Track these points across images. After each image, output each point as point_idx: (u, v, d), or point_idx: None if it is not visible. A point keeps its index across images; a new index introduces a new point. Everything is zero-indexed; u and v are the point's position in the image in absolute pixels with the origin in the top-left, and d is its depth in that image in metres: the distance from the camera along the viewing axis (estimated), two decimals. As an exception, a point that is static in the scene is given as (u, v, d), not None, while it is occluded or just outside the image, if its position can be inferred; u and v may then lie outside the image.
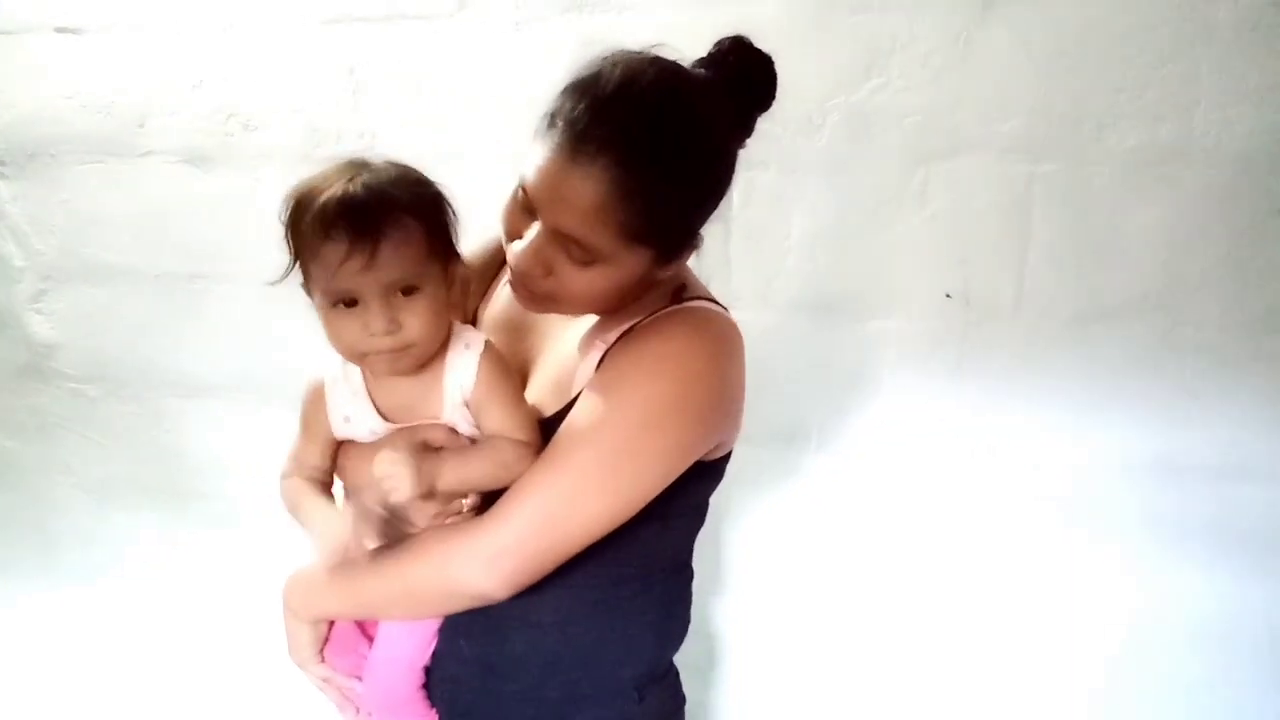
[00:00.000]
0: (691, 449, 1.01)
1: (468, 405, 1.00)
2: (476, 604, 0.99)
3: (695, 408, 0.98)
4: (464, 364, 1.00)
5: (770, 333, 1.69)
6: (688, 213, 0.97)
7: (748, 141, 1.06)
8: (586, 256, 0.93)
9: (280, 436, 1.16)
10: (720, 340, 1.01)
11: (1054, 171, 1.53)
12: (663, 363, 0.97)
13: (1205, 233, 1.50)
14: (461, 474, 0.98)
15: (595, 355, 1.01)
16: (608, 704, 1.10)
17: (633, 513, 0.98)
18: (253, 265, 1.99)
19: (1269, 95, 1.43)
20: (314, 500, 1.04)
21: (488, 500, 1.00)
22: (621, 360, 0.98)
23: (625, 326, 1.00)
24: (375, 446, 1.01)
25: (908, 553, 1.75)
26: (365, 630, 1.13)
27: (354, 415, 1.03)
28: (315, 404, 1.05)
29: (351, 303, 0.93)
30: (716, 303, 1.06)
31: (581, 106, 0.89)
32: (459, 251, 1.00)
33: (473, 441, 1.02)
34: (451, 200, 0.99)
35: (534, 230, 0.94)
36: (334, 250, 0.90)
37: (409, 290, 0.94)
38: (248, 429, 2.10)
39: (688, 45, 1.65)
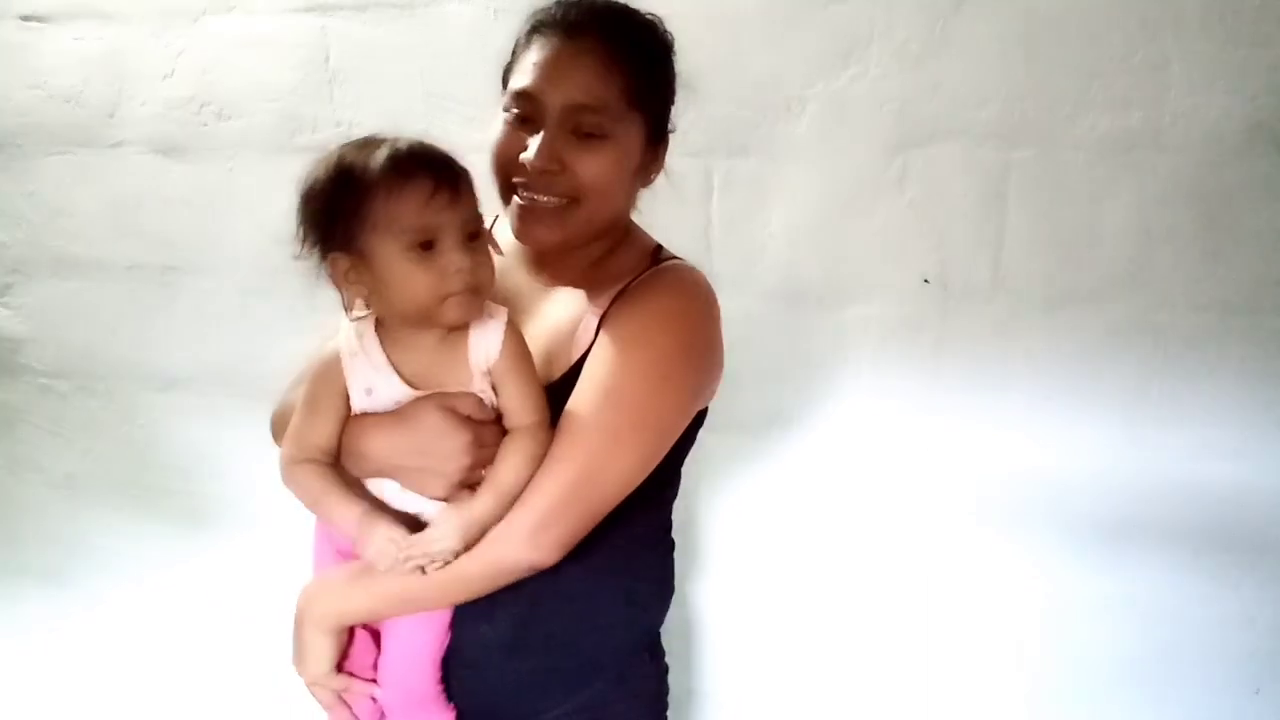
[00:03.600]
0: (699, 397, 1.08)
1: (489, 374, 1.01)
2: (530, 574, 1.01)
3: (699, 357, 1.05)
4: (490, 332, 1.00)
5: (750, 319, 1.70)
6: (666, 84, 1.09)
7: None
8: (598, 125, 1.01)
9: (254, 431, 1.15)
10: (706, 293, 1.08)
11: (1029, 158, 1.56)
12: (667, 318, 1.02)
13: (1175, 216, 1.53)
14: (502, 498, 0.99)
15: (590, 323, 1.04)
16: (624, 666, 1.14)
17: (654, 465, 1.03)
18: (226, 256, 1.97)
19: (1236, 82, 1.46)
20: (346, 501, 1.00)
21: None
22: (623, 320, 1.02)
23: (615, 290, 1.05)
24: (397, 415, 1.00)
25: (887, 537, 1.77)
26: (374, 637, 1.10)
27: (377, 386, 1.01)
28: (329, 378, 1.02)
29: (428, 246, 0.94)
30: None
31: (559, 8, 1.04)
32: None
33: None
34: None
35: (540, 133, 1.00)
36: (419, 190, 0.93)
37: (473, 235, 0.97)
38: (221, 424, 2.07)
39: (675, 35, 1.66)
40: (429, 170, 0.93)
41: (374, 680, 1.09)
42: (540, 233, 1.05)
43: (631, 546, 1.11)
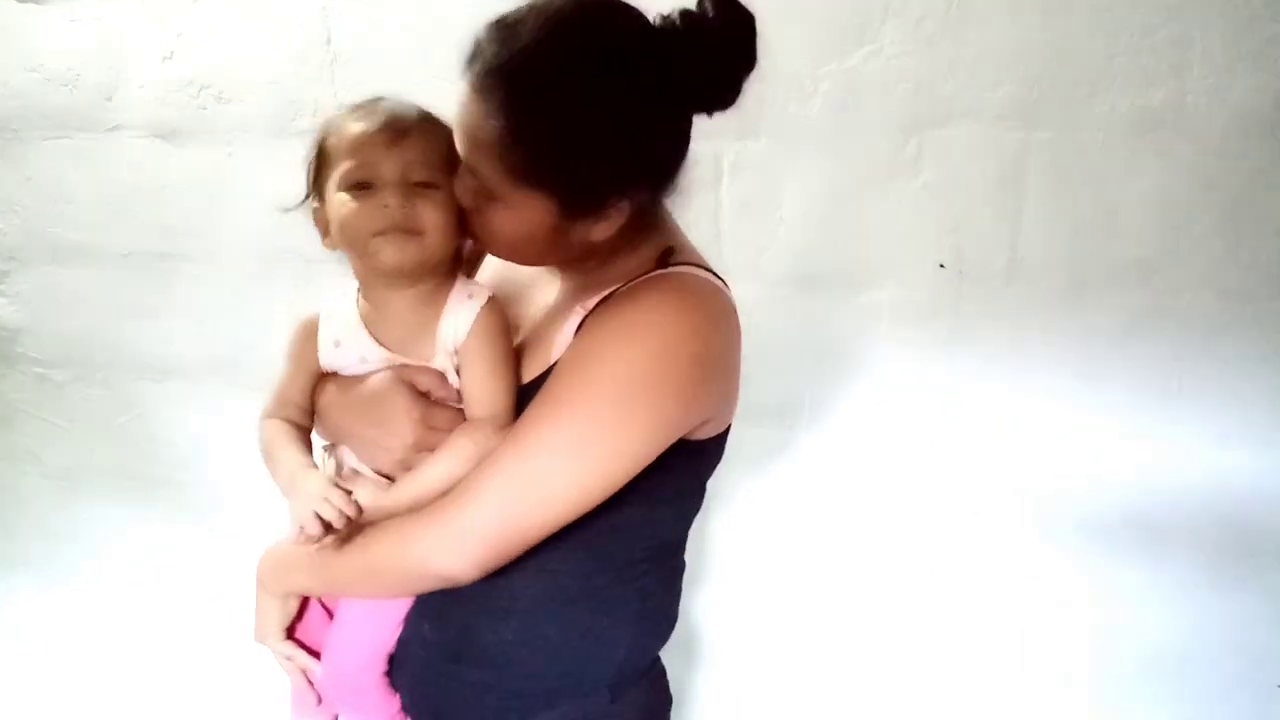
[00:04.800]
0: (670, 426, 0.94)
1: (456, 354, 0.99)
2: (443, 585, 0.95)
3: (672, 381, 0.91)
4: (464, 311, 0.99)
5: (762, 305, 1.65)
6: (589, 164, 0.88)
7: (737, 106, 0.98)
8: (485, 190, 0.92)
9: (252, 419, 1.12)
10: (702, 308, 0.94)
11: (1047, 138, 1.52)
12: (636, 332, 0.91)
13: (1198, 198, 1.49)
14: (418, 491, 0.96)
15: (573, 322, 0.95)
16: (578, 701, 1.04)
17: (607, 493, 0.92)
18: (226, 243, 1.94)
19: (1260, 60, 1.43)
20: (291, 452, 1.02)
21: None
22: (596, 330, 0.92)
23: (606, 292, 0.95)
24: (357, 380, 1.01)
25: (900, 525, 1.74)
26: (332, 614, 1.13)
27: (345, 340, 1.02)
28: (307, 334, 1.05)
29: (366, 185, 0.95)
30: (708, 269, 0.99)
31: (488, 45, 0.87)
32: None
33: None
34: None
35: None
36: (363, 131, 0.95)
37: (427, 185, 0.96)
38: (220, 413, 2.05)
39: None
40: (379, 115, 0.96)
41: (318, 656, 1.11)
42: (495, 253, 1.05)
43: (606, 570, 1.02)
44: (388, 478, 1.00)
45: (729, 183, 1.65)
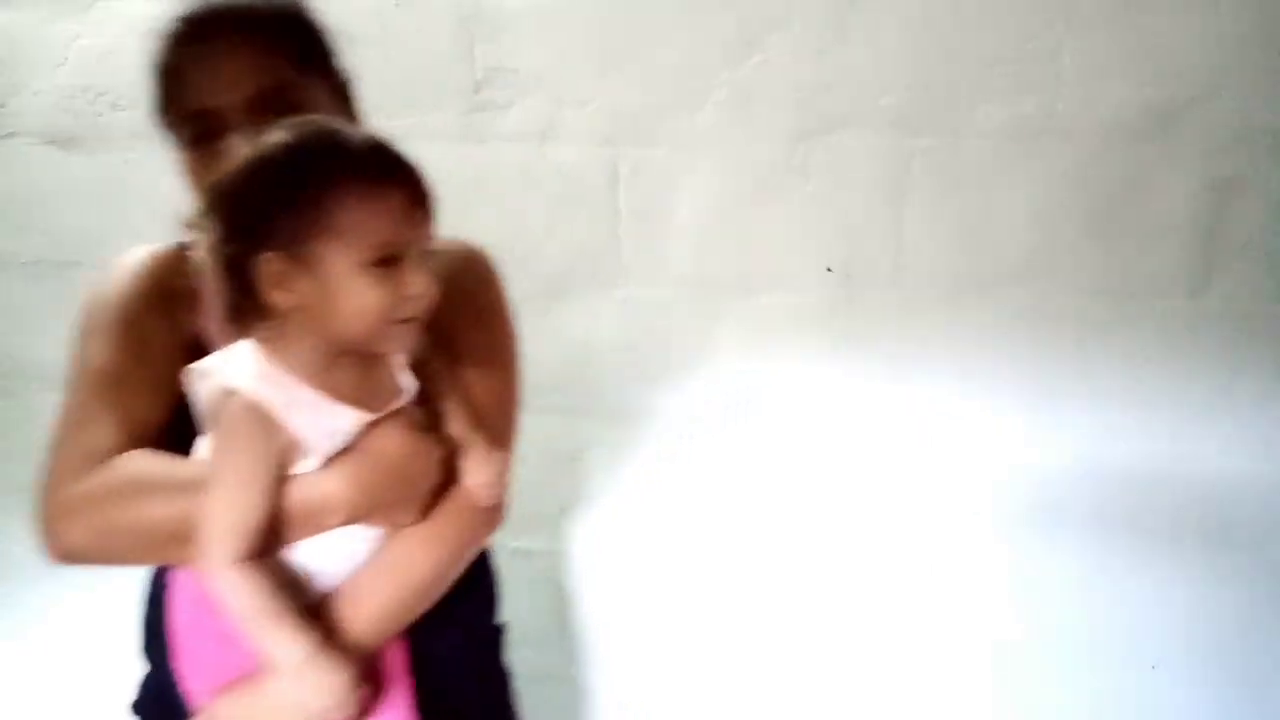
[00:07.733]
0: None
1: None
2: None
3: None
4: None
5: (659, 309, 1.71)
6: None
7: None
8: None
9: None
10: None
11: (930, 146, 1.57)
12: (493, 275, 1.12)
13: (1072, 203, 1.55)
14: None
15: None
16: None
17: None
18: (126, 251, 1.92)
19: (1127, 70, 1.49)
20: (299, 624, 0.82)
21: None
22: (473, 296, 1.07)
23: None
24: (359, 453, 0.86)
25: (791, 526, 1.77)
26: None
27: (336, 425, 0.85)
28: (265, 441, 0.81)
29: (389, 262, 0.80)
30: None
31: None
32: None
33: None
34: None
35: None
36: (398, 198, 0.80)
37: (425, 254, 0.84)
38: (128, 422, 2.02)
39: (577, 25, 1.64)
40: (408, 177, 0.81)
41: None
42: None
43: None
44: None
45: (625, 190, 1.68)
